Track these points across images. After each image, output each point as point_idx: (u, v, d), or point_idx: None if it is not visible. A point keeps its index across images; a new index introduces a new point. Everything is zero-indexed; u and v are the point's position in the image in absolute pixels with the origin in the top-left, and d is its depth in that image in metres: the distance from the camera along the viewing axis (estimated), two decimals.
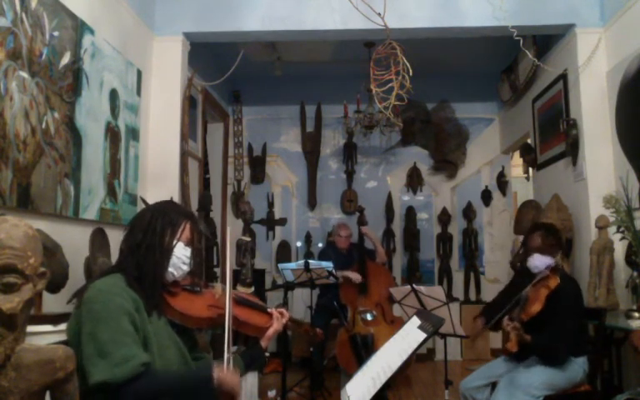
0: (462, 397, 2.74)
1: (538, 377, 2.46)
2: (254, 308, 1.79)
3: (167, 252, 1.54)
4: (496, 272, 5.91)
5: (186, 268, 1.59)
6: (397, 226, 5.99)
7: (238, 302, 1.76)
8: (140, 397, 1.33)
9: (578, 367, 2.53)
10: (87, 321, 1.35)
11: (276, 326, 1.75)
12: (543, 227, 2.80)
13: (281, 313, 1.78)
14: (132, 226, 1.58)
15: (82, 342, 1.33)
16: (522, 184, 6.54)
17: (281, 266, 4.19)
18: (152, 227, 1.53)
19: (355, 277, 4.23)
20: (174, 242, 1.55)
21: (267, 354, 1.83)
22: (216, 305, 1.64)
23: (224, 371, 1.47)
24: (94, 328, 1.33)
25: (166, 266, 1.54)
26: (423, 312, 1.96)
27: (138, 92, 3.50)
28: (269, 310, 1.80)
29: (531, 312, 2.52)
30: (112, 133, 3.12)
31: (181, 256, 1.56)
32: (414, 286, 3.07)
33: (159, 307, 1.51)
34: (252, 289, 3.88)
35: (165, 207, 1.62)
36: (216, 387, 1.42)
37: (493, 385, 2.64)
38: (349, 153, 6.00)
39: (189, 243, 1.60)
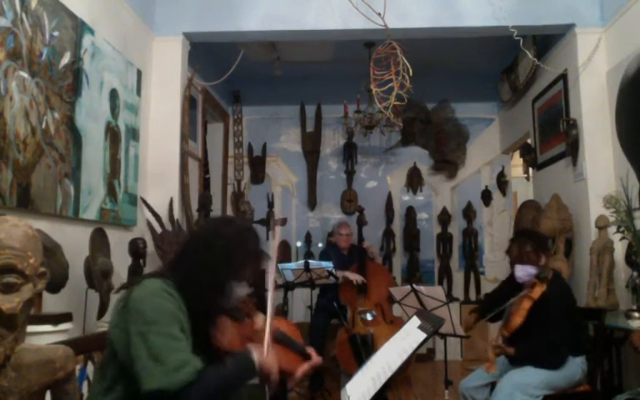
0: (462, 396, 2.75)
1: (537, 376, 2.46)
2: (291, 349, 1.69)
3: (225, 294, 1.48)
4: (496, 272, 5.90)
5: (236, 304, 1.54)
6: (397, 226, 5.99)
7: (277, 339, 1.66)
8: (198, 397, 1.30)
9: (577, 366, 2.53)
10: (137, 321, 1.31)
11: (307, 368, 1.67)
12: (519, 237, 2.77)
13: (317, 359, 1.71)
14: (199, 241, 1.51)
15: (132, 341, 1.29)
16: (522, 184, 6.54)
17: (281, 266, 4.19)
18: (217, 264, 1.46)
19: (356, 277, 4.23)
20: (239, 283, 1.50)
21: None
22: (252, 338, 1.57)
23: (263, 355, 1.44)
24: (146, 331, 1.29)
25: (217, 306, 1.48)
26: (423, 312, 1.96)
27: (138, 92, 3.50)
28: (308, 351, 1.72)
29: (512, 327, 2.54)
30: (112, 133, 3.12)
31: (240, 294, 1.52)
32: (414, 286, 3.07)
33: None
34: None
35: (237, 241, 1.52)
36: (257, 369, 1.41)
37: (493, 385, 2.64)
38: (349, 153, 5.99)
39: (250, 283, 1.54)
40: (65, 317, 2.14)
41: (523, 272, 2.62)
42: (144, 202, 3.52)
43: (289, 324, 1.91)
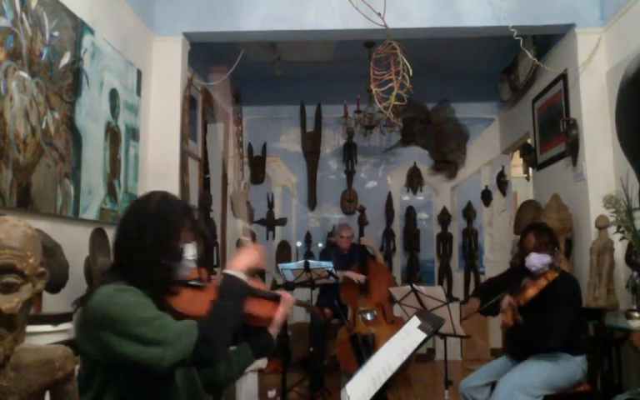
0: (462, 396, 2.75)
1: (538, 376, 2.47)
2: (262, 297, 1.70)
3: (178, 258, 1.47)
4: (496, 272, 5.86)
5: (193, 267, 1.54)
6: (397, 226, 5.99)
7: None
8: (211, 345, 1.32)
9: (577, 366, 2.53)
10: (111, 326, 1.27)
11: (283, 310, 1.68)
12: (536, 227, 2.81)
13: (287, 298, 1.71)
14: (128, 232, 1.47)
15: (118, 347, 1.26)
16: (522, 184, 6.54)
17: (281, 266, 4.19)
18: (157, 236, 1.43)
19: (357, 277, 4.23)
20: (183, 246, 1.48)
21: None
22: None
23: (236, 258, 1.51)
24: (126, 329, 1.26)
25: (177, 272, 1.47)
26: (423, 312, 1.96)
27: (138, 92, 3.50)
28: (277, 293, 1.73)
29: (527, 296, 2.55)
30: (112, 133, 3.12)
31: (189, 257, 1.50)
32: (414, 286, 3.07)
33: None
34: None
35: (163, 208, 1.50)
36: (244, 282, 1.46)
37: (493, 385, 2.64)
38: (349, 153, 6.00)
39: (193, 240, 1.53)
40: (65, 317, 2.14)
41: (539, 260, 2.64)
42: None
43: (252, 279, 1.93)
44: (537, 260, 2.65)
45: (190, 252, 1.51)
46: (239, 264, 1.50)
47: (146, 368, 1.26)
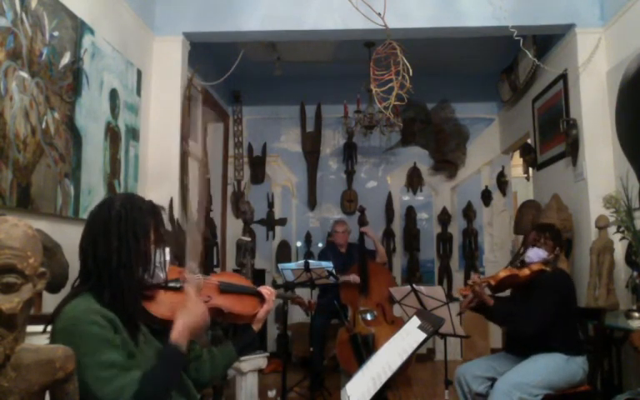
0: (458, 381, 2.73)
1: (537, 375, 2.47)
2: (241, 293, 1.68)
3: (147, 261, 1.42)
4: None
5: (164, 274, 1.48)
6: (397, 226, 5.99)
7: (223, 290, 1.65)
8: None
9: (577, 366, 2.53)
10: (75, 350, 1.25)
11: (266, 307, 1.67)
12: (541, 225, 2.89)
13: (269, 293, 1.70)
14: (95, 236, 1.41)
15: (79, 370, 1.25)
16: (522, 184, 6.54)
17: (281, 266, 4.18)
18: (123, 238, 1.38)
19: (353, 278, 4.24)
20: (151, 248, 1.42)
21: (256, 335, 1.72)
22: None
23: (174, 333, 1.38)
24: (77, 364, 1.24)
25: (145, 277, 1.42)
26: (423, 312, 1.96)
27: (138, 92, 3.50)
28: (259, 289, 1.71)
29: (498, 276, 2.61)
30: (112, 133, 3.12)
31: (160, 260, 1.45)
32: (414, 286, 3.07)
33: (139, 319, 1.42)
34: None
35: (127, 209, 1.42)
36: (182, 344, 1.37)
37: (492, 382, 2.63)
38: (349, 153, 6.00)
39: (160, 241, 1.46)
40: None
41: (535, 253, 2.70)
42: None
43: (233, 274, 1.91)
44: (532, 253, 2.72)
45: (159, 254, 1.45)
46: (181, 334, 1.39)
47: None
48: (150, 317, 1.46)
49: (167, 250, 1.49)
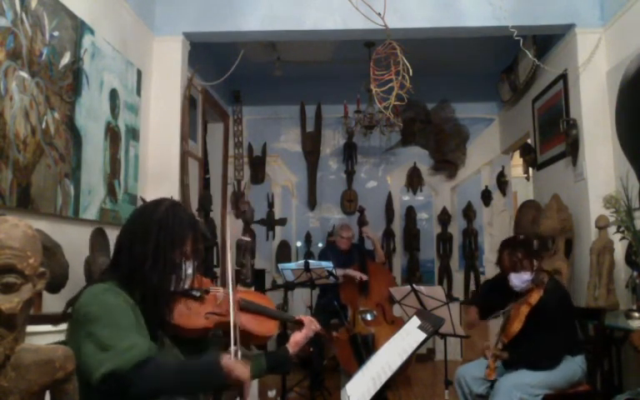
0: (457, 383, 2.74)
1: (537, 375, 2.47)
2: (261, 314, 1.69)
3: (176, 270, 1.45)
4: (496, 272, 5.88)
5: (189, 282, 1.52)
6: (397, 226, 5.99)
7: (243, 307, 1.65)
8: (149, 383, 1.26)
9: (576, 366, 2.53)
10: (85, 323, 1.30)
11: (306, 331, 1.71)
12: (508, 244, 2.78)
13: (310, 320, 1.75)
14: (134, 234, 1.46)
15: (81, 343, 1.28)
16: (522, 184, 6.54)
17: (281, 266, 4.18)
18: (160, 244, 1.43)
19: (358, 274, 4.23)
20: (182, 258, 1.47)
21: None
22: (216, 312, 1.57)
23: (232, 360, 1.40)
24: (92, 328, 1.28)
25: (172, 284, 1.45)
26: (423, 312, 1.96)
27: (138, 92, 3.50)
28: (300, 318, 1.74)
29: (511, 333, 2.54)
30: (112, 133, 3.12)
31: (187, 271, 1.49)
32: (414, 286, 3.07)
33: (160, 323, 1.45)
34: (252, 289, 3.88)
35: (170, 218, 1.47)
36: (225, 373, 1.35)
37: (492, 383, 2.64)
38: (349, 153, 6.00)
39: (194, 254, 1.51)
40: (65, 317, 2.14)
41: (518, 280, 2.63)
42: (144, 202, 3.52)
43: (260, 295, 1.91)
44: (516, 280, 2.63)
45: (190, 267, 1.50)
46: (235, 366, 1.38)
47: (87, 375, 1.25)
48: (164, 321, 1.48)
49: (195, 263, 1.52)
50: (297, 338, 1.70)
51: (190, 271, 1.50)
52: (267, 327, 1.69)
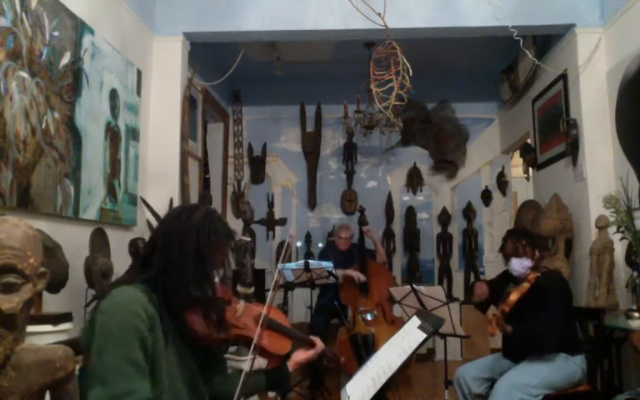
0: (457, 383, 2.74)
1: (537, 375, 2.46)
2: (277, 332, 1.70)
3: (209, 279, 1.44)
4: (496, 272, 5.84)
5: (214, 292, 1.50)
6: (397, 226, 5.99)
7: (264, 324, 1.65)
8: None
9: (576, 366, 2.53)
10: (99, 334, 1.26)
11: (312, 353, 1.69)
12: (513, 232, 2.86)
13: (321, 345, 1.74)
14: (168, 239, 1.42)
15: (91, 353, 1.24)
16: (522, 184, 6.54)
17: (281, 266, 4.18)
18: (198, 251, 1.40)
19: (358, 275, 4.23)
20: (214, 267, 1.45)
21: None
22: (233, 324, 1.57)
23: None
24: (103, 346, 1.24)
25: (202, 292, 1.43)
26: (423, 312, 1.96)
27: (138, 92, 3.50)
28: (312, 338, 1.73)
29: (509, 302, 2.55)
30: (112, 133, 3.12)
31: (216, 280, 1.48)
32: (414, 286, 3.07)
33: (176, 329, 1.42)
34: (252, 290, 3.87)
35: (207, 224, 1.45)
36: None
37: (492, 383, 2.64)
38: (349, 153, 6.00)
39: (224, 265, 1.50)
40: (65, 317, 2.14)
41: (519, 264, 2.67)
42: (144, 202, 3.52)
43: (279, 312, 1.91)
44: (517, 265, 2.68)
45: (217, 275, 1.49)
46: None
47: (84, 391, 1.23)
48: (185, 327, 1.45)
49: (222, 273, 1.53)
50: (299, 358, 1.69)
51: (217, 279, 1.49)
52: (280, 346, 1.70)
